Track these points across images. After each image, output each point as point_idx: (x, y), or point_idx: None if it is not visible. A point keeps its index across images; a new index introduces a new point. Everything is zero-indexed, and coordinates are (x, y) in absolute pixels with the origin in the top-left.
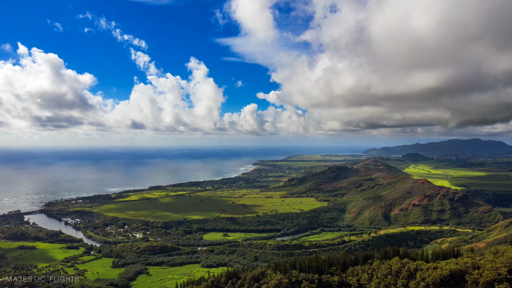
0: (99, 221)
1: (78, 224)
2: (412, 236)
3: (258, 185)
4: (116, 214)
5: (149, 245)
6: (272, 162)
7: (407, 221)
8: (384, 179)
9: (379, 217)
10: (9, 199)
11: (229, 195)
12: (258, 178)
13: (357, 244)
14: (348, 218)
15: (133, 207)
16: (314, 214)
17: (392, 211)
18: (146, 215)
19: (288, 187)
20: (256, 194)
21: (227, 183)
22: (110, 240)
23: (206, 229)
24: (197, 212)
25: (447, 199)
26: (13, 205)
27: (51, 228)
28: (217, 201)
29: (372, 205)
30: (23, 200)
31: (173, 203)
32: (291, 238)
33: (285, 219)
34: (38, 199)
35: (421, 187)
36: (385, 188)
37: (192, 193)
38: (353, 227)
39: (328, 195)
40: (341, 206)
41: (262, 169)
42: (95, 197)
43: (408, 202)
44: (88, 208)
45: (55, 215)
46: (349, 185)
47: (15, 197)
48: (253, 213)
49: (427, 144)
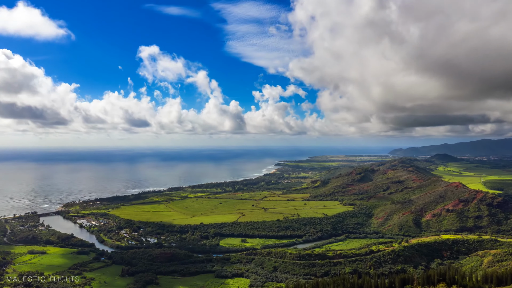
0: (114, 224)
1: (93, 227)
2: (447, 246)
3: (279, 187)
4: (132, 216)
5: (161, 252)
6: (294, 163)
7: (440, 228)
8: (413, 182)
9: (409, 223)
10: (29, 199)
11: (249, 197)
12: (280, 179)
13: (387, 254)
14: (375, 223)
15: (150, 209)
16: (338, 219)
17: (424, 217)
18: (162, 218)
19: (311, 189)
20: (277, 197)
21: (248, 185)
22: (122, 245)
23: (224, 234)
24: (215, 215)
25: (484, 204)
26: (31, 205)
27: (65, 230)
28: (236, 204)
29: (401, 209)
30: (41, 201)
31: (191, 205)
32: (314, 246)
33: (307, 224)
34: (56, 200)
35: (455, 191)
36: (415, 191)
37: (211, 194)
38: (380, 233)
39: (353, 198)
40: (368, 211)
41: (285, 170)
42: (113, 198)
43: (441, 207)
44: (104, 210)
45: (70, 217)
46: (375, 188)
47: (34, 198)
48: (273, 217)
49: (456, 144)
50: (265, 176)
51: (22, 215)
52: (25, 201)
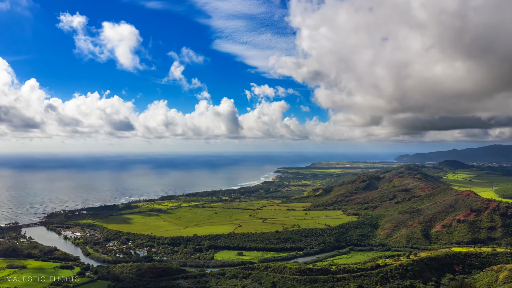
0: (101, 235)
1: (78, 239)
2: (459, 259)
3: (279, 195)
4: (121, 227)
5: (151, 266)
6: (295, 170)
7: (450, 239)
8: (421, 190)
9: (417, 235)
10: (11, 209)
11: (247, 207)
12: (279, 187)
13: (394, 269)
14: (381, 235)
15: (140, 219)
16: (341, 230)
17: (433, 228)
18: (153, 229)
19: (312, 198)
20: (276, 206)
21: (245, 193)
22: (109, 258)
23: (219, 246)
24: (210, 226)
25: (498, 214)
26: (13, 216)
27: (48, 243)
28: (232, 214)
29: (409, 220)
30: (24, 211)
31: (184, 215)
32: (315, 259)
33: (308, 236)
34: (40, 210)
35: (466, 200)
36: (423, 200)
37: (206, 203)
38: (387, 246)
39: (358, 207)
40: (373, 221)
41: (285, 177)
42: (101, 207)
43: (452, 217)
44: (91, 220)
45: (54, 228)
46: (381, 197)
47: (18, 207)
48: (272, 228)
49: (465, 150)
50: (264, 184)
51: (2, 226)
52: (5, 211)
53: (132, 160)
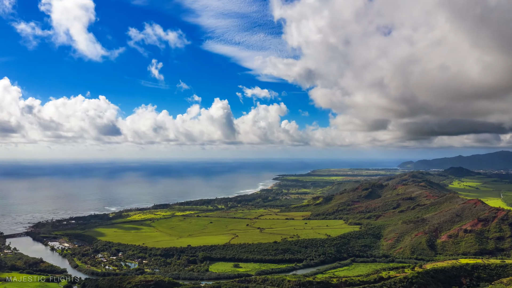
0: (89, 246)
1: (65, 250)
2: (466, 271)
3: (277, 204)
4: (111, 238)
5: (142, 280)
6: (294, 177)
7: (457, 250)
8: (426, 199)
9: (422, 245)
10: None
11: (244, 216)
12: (278, 195)
13: (398, 282)
14: (385, 245)
15: (131, 229)
16: (343, 240)
17: (439, 238)
18: (145, 240)
19: (312, 207)
20: (275, 215)
21: (242, 201)
22: (98, 271)
23: (214, 258)
24: (205, 236)
25: (506, 223)
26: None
27: (34, 254)
28: (229, 223)
29: (413, 230)
30: (9, 220)
31: (178, 225)
32: (315, 271)
33: (308, 247)
34: (26, 219)
35: (473, 209)
36: (428, 209)
37: (201, 212)
38: (391, 257)
39: (360, 217)
40: (376, 231)
41: (283, 185)
42: (91, 217)
43: (458, 227)
44: (79, 230)
45: (41, 239)
46: (384, 205)
47: (1, 215)
48: (270, 238)
49: (471, 156)
50: (262, 191)
51: None
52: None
53: (123, 167)
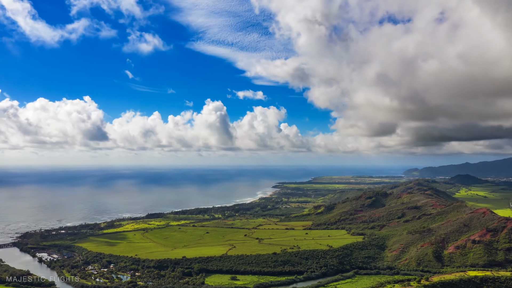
0: (80, 257)
1: (54, 262)
2: (475, 284)
3: (277, 213)
4: (102, 249)
5: None
6: (295, 185)
7: (465, 262)
8: (433, 207)
9: (429, 257)
10: None
11: (242, 225)
12: (277, 204)
13: None
14: (389, 257)
15: (123, 240)
16: (345, 251)
17: (446, 249)
18: (138, 251)
19: (314, 216)
20: (274, 225)
21: (240, 210)
22: (88, 283)
23: (210, 270)
24: (201, 247)
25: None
26: None
27: (21, 266)
28: (226, 233)
29: (419, 240)
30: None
31: (172, 235)
32: (317, 284)
33: (309, 258)
34: (13, 229)
35: (481, 219)
36: (435, 219)
37: (197, 222)
38: (395, 269)
39: (363, 227)
40: (380, 242)
41: (283, 193)
42: (81, 226)
43: (466, 237)
44: (69, 241)
45: (29, 250)
46: (388, 215)
47: None
48: (269, 249)
49: (479, 163)
50: (261, 200)
51: None
52: None
53: (114, 174)
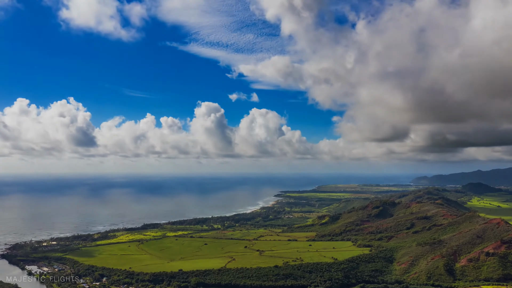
0: (71, 270)
1: (44, 275)
2: None
3: (279, 223)
4: (95, 261)
5: None
6: (298, 194)
7: (478, 276)
8: (443, 218)
9: (440, 270)
10: None
11: (242, 237)
12: (280, 214)
13: None
14: (398, 270)
15: (117, 251)
16: (351, 264)
17: (458, 262)
18: (132, 263)
19: (318, 227)
20: (276, 236)
21: (241, 221)
22: None
23: (208, 284)
24: (198, 259)
25: None
26: None
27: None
28: (225, 245)
29: (429, 253)
30: None
31: (169, 246)
32: None
33: (312, 272)
34: (2, 240)
35: (495, 230)
36: (446, 230)
37: (195, 233)
38: (404, 283)
39: (370, 238)
40: (388, 254)
41: (286, 203)
42: (74, 237)
43: (479, 249)
44: (60, 253)
45: (18, 262)
46: (397, 225)
47: None
48: (270, 262)
49: (491, 171)
50: (262, 210)
51: None
52: None
53: (109, 183)
